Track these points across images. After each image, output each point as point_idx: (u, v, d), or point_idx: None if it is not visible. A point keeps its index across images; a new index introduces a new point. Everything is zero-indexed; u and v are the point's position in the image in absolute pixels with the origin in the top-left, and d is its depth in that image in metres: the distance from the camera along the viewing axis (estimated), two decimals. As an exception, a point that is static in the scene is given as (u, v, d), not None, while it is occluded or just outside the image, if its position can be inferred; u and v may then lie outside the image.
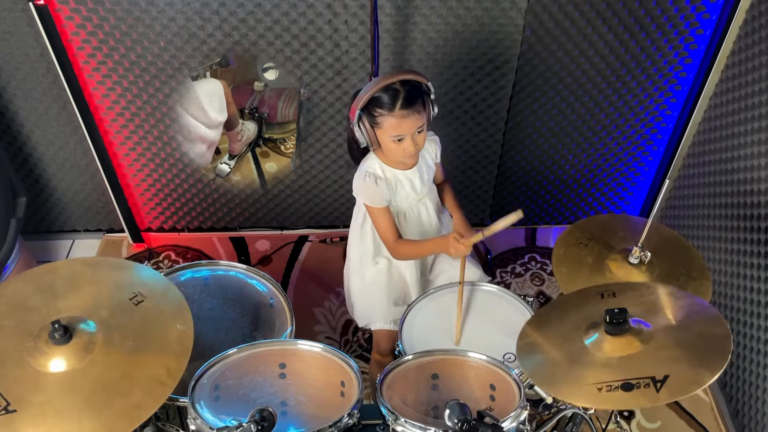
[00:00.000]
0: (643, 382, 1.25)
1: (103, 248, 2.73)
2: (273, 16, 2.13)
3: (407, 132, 1.72)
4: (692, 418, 2.18)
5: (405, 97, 1.68)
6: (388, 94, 1.69)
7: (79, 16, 2.09)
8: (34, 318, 1.40)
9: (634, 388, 1.25)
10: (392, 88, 1.69)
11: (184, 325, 1.43)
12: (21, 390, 1.29)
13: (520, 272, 2.63)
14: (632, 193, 2.70)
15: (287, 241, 2.74)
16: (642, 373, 1.27)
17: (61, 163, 2.53)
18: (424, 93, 1.74)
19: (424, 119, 1.74)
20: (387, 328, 1.93)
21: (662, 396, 1.23)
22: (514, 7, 2.13)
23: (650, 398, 1.24)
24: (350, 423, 1.35)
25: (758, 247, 1.97)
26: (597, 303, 1.47)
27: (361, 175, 1.83)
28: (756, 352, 2.00)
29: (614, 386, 1.27)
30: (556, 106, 2.39)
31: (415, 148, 1.75)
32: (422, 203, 1.93)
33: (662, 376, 1.25)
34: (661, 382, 1.25)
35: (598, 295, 1.49)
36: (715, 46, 2.16)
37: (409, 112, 1.69)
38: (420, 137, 1.75)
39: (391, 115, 1.69)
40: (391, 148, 1.77)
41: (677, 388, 1.24)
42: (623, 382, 1.27)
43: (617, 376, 1.28)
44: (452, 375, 1.44)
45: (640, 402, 1.24)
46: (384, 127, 1.72)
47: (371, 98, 1.70)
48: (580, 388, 1.30)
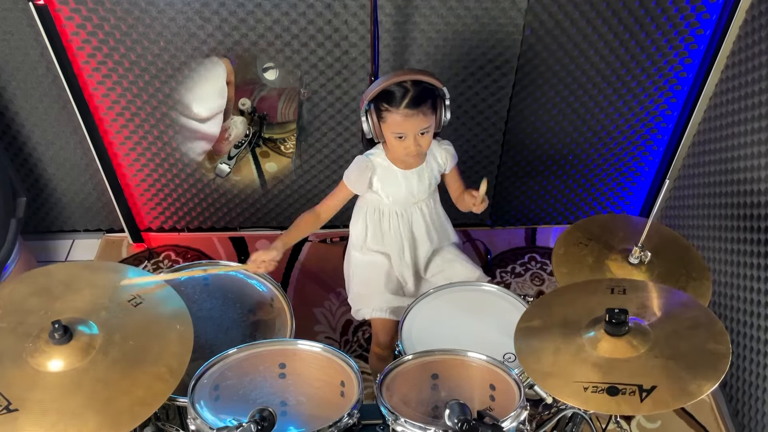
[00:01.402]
0: (630, 389, 1.25)
1: (103, 248, 2.73)
2: (273, 16, 2.13)
3: (410, 131, 1.72)
4: (692, 418, 2.18)
5: (413, 97, 1.68)
6: (397, 90, 1.69)
7: (79, 16, 2.09)
8: (32, 320, 1.41)
9: (619, 393, 1.25)
10: (403, 85, 1.69)
11: (184, 326, 1.43)
12: (21, 389, 1.29)
13: (520, 272, 2.63)
14: (632, 193, 2.70)
15: (287, 241, 2.74)
16: (631, 380, 1.27)
17: (61, 163, 2.53)
18: (436, 96, 1.74)
19: (430, 122, 1.73)
20: (384, 317, 1.92)
21: (644, 407, 1.22)
22: (514, 7, 2.13)
23: (632, 407, 1.23)
24: (350, 423, 1.35)
25: (758, 247, 1.97)
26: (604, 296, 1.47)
27: (362, 158, 1.87)
28: (756, 352, 2.00)
29: (600, 388, 1.26)
30: (556, 106, 2.39)
31: (416, 149, 1.75)
32: (417, 207, 1.93)
33: (650, 386, 1.25)
34: (648, 392, 1.24)
35: (608, 289, 1.49)
36: (715, 46, 2.16)
37: (414, 111, 1.69)
38: (423, 139, 1.75)
39: (396, 111, 1.70)
40: (393, 144, 1.77)
41: (661, 401, 1.23)
42: (610, 386, 1.26)
43: (606, 378, 1.28)
44: (452, 375, 1.44)
45: (622, 408, 1.24)
46: (388, 122, 1.73)
47: (381, 92, 1.71)
48: (567, 383, 1.30)
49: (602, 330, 1.35)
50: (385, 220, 1.94)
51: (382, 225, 1.94)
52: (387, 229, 1.94)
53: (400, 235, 1.94)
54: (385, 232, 1.95)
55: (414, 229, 1.95)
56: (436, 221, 1.99)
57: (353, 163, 1.88)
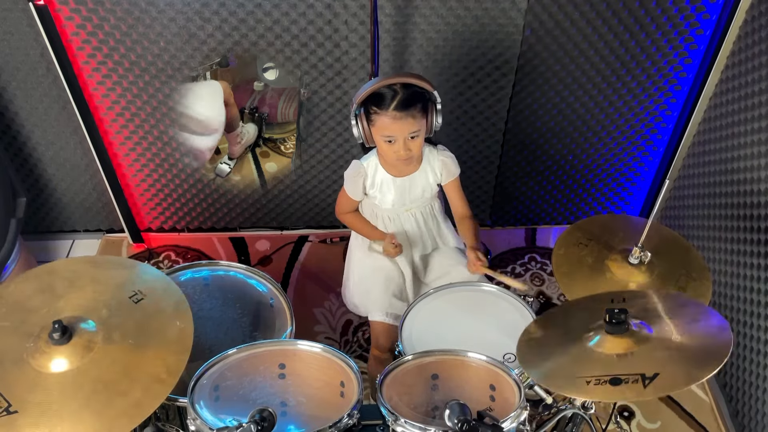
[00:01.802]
0: (632, 378, 1.25)
1: (103, 248, 2.73)
2: (273, 17, 2.13)
3: (398, 134, 1.71)
4: (692, 418, 2.18)
5: (402, 99, 1.68)
6: (385, 93, 1.69)
7: (79, 16, 2.09)
8: (35, 319, 1.41)
9: (621, 383, 1.25)
10: (392, 88, 1.69)
11: (184, 323, 1.43)
12: (22, 391, 1.29)
13: (520, 272, 2.63)
14: (632, 193, 2.70)
15: (287, 241, 2.74)
16: (633, 371, 1.27)
17: (61, 163, 2.53)
18: (427, 100, 1.73)
19: (420, 126, 1.73)
20: (384, 321, 1.92)
21: (648, 391, 1.23)
22: (514, 7, 2.13)
23: (636, 392, 1.24)
24: (350, 423, 1.35)
25: (758, 247, 1.97)
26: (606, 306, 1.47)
27: (356, 163, 1.88)
28: (756, 352, 2.00)
29: (603, 380, 1.27)
30: (556, 106, 2.39)
31: (406, 153, 1.74)
32: (410, 214, 1.93)
33: (652, 373, 1.25)
34: (650, 379, 1.24)
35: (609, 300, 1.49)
36: (715, 46, 2.16)
37: (403, 114, 1.68)
38: (413, 143, 1.74)
39: (384, 114, 1.70)
40: (383, 148, 1.77)
41: (665, 385, 1.23)
42: (612, 377, 1.27)
43: (608, 371, 1.28)
44: (452, 375, 1.44)
45: (626, 395, 1.24)
46: (377, 125, 1.73)
47: (370, 94, 1.70)
48: (569, 380, 1.30)
49: (603, 332, 1.35)
50: (379, 222, 1.94)
51: (377, 227, 1.95)
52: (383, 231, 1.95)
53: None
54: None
55: (407, 234, 1.95)
56: (432, 228, 1.99)
57: (349, 167, 1.89)
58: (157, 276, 1.55)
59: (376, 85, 1.69)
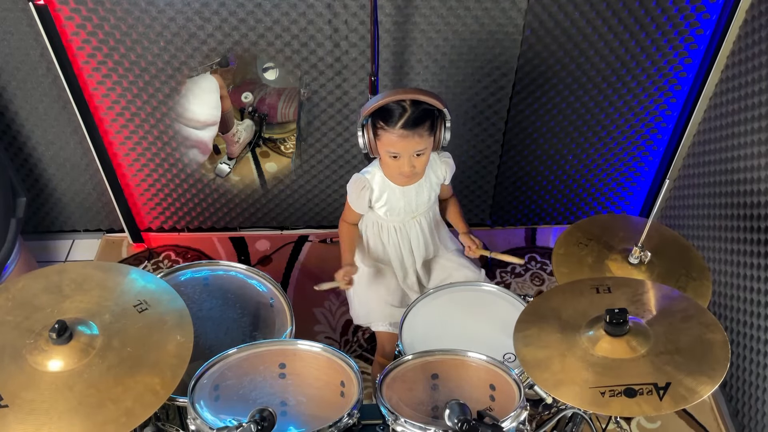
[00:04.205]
0: (646, 388, 1.25)
1: (103, 248, 2.73)
2: (273, 16, 2.13)
3: (404, 152, 1.70)
4: (692, 418, 2.18)
5: (410, 117, 1.65)
6: (394, 109, 1.66)
7: (79, 16, 2.09)
8: (38, 316, 1.41)
9: (636, 394, 1.25)
10: (401, 104, 1.66)
11: (184, 337, 1.43)
12: (15, 386, 1.29)
13: (520, 272, 2.63)
14: (632, 193, 2.70)
15: (287, 241, 2.74)
16: (644, 379, 1.27)
17: (61, 163, 2.53)
18: (436, 117, 1.71)
19: (426, 144, 1.71)
20: (388, 330, 1.93)
21: (665, 405, 1.23)
22: (514, 7, 2.13)
23: (653, 406, 1.23)
24: (350, 423, 1.35)
25: (758, 247, 1.97)
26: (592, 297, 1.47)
27: (359, 176, 1.85)
28: (756, 352, 2.00)
29: (617, 391, 1.26)
30: (556, 106, 2.39)
31: (410, 170, 1.73)
32: (416, 221, 1.92)
33: (664, 383, 1.25)
34: (664, 389, 1.24)
35: (593, 288, 1.49)
36: (715, 46, 2.16)
37: (410, 132, 1.66)
38: (419, 161, 1.73)
39: (391, 131, 1.67)
40: (387, 162, 1.75)
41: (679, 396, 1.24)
42: (626, 388, 1.26)
43: (618, 380, 1.28)
44: (452, 375, 1.44)
45: (644, 410, 1.23)
46: (383, 140, 1.71)
47: (379, 108, 1.68)
48: (583, 390, 1.29)
49: (601, 331, 1.35)
50: (384, 233, 1.93)
51: (382, 237, 1.94)
52: (387, 242, 1.94)
53: (398, 248, 1.94)
54: (385, 244, 1.94)
55: (412, 242, 1.95)
56: (434, 233, 1.99)
57: (350, 183, 1.86)
58: (164, 288, 1.55)
59: (385, 100, 1.65)
